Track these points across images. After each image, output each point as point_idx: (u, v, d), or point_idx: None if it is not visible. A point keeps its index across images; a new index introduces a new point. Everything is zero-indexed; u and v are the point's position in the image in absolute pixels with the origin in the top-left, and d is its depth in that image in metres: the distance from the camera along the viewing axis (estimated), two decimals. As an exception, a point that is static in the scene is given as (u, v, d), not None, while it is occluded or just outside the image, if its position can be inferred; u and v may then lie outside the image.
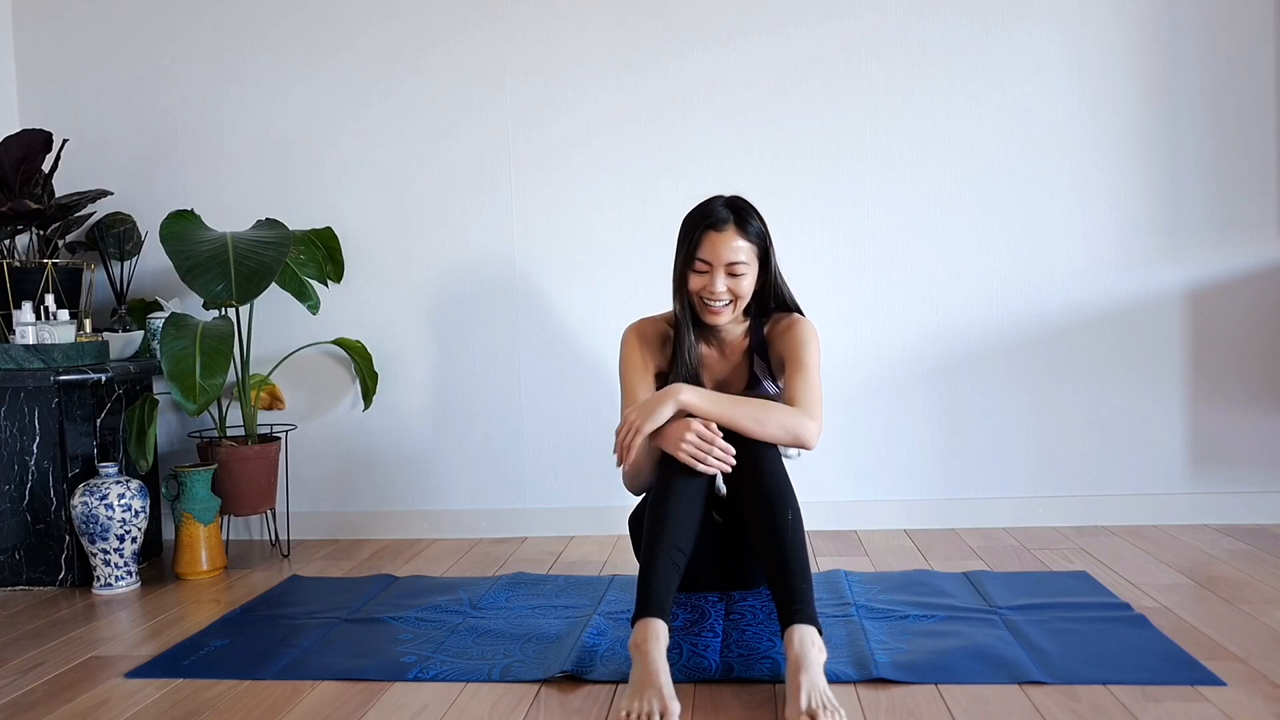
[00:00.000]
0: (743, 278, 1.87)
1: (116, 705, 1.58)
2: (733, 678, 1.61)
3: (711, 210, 1.87)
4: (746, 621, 1.86)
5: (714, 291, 1.86)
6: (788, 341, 1.92)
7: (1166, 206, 2.55)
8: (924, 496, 2.63)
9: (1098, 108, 2.55)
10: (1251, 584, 2.02)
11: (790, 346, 1.91)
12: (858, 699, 1.51)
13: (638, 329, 2.01)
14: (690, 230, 1.88)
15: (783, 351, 1.93)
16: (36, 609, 2.15)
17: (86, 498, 2.24)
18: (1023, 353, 2.59)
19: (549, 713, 1.51)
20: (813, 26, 2.59)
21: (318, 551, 2.59)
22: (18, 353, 2.29)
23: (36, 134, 2.47)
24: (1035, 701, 1.48)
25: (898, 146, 2.59)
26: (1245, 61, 2.52)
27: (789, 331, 1.94)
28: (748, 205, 1.90)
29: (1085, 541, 2.41)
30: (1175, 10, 2.53)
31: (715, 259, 1.85)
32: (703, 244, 1.85)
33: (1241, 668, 1.58)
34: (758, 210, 1.91)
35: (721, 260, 1.85)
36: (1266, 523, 2.53)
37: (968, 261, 2.59)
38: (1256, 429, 2.56)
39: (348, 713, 1.53)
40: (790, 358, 1.90)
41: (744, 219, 1.86)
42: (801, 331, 1.92)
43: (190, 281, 2.27)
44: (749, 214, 1.88)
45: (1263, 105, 2.52)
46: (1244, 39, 2.51)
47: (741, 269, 1.86)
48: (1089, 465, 2.59)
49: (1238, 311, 2.55)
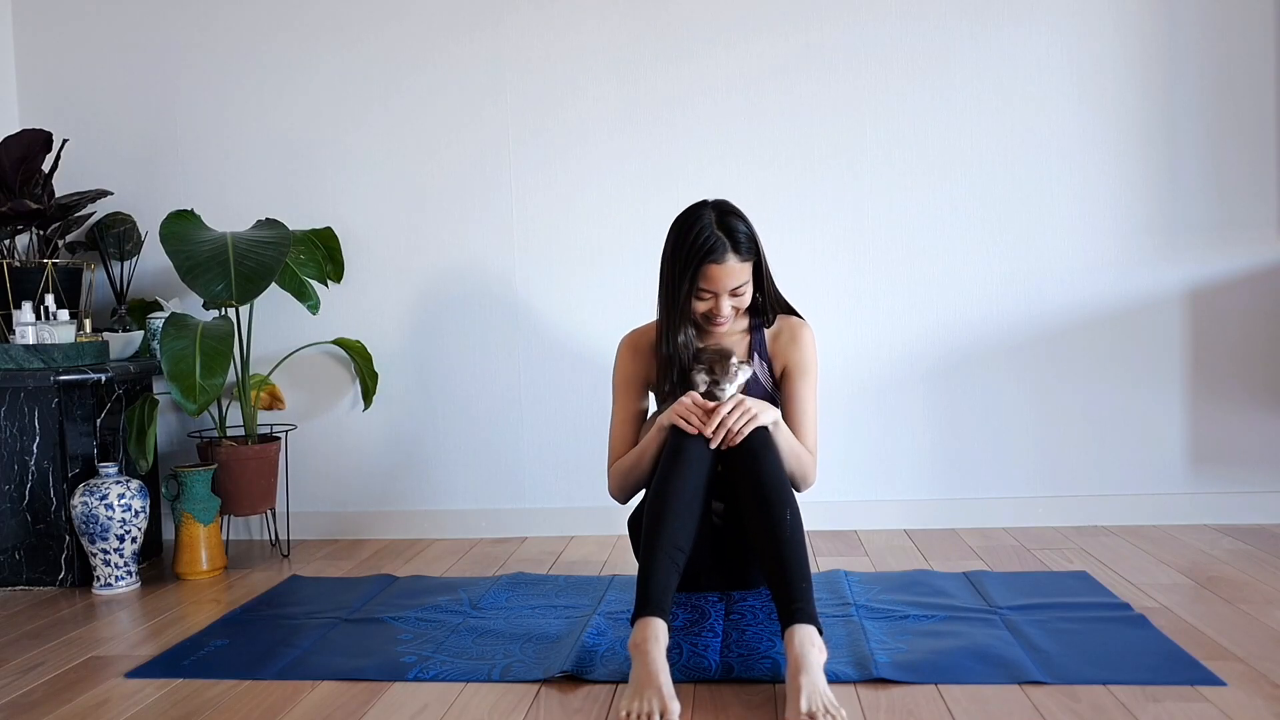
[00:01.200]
0: (744, 295, 1.89)
1: (116, 705, 1.58)
2: (733, 678, 1.61)
3: (706, 240, 1.83)
4: (746, 621, 1.86)
5: (722, 314, 1.88)
6: (794, 354, 1.96)
7: (1166, 206, 2.55)
8: (924, 496, 2.63)
9: (1097, 107, 2.55)
10: (1251, 584, 2.02)
11: (798, 361, 1.96)
12: (858, 699, 1.51)
13: (632, 341, 2.02)
14: (688, 261, 1.85)
15: (788, 362, 1.97)
16: (36, 609, 2.15)
17: (86, 498, 2.24)
18: (1022, 353, 2.59)
19: (549, 713, 1.51)
20: (812, 28, 2.59)
21: (318, 551, 2.59)
22: (18, 353, 2.29)
23: (36, 134, 2.47)
24: (1035, 701, 1.48)
25: (897, 147, 2.59)
26: (1245, 61, 2.52)
27: (795, 342, 1.97)
28: (735, 219, 1.87)
29: (1085, 541, 2.41)
30: (1174, 10, 2.53)
31: (719, 288, 1.86)
32: (704, 277, 1.85)
33: (1241, 668, 1.58)
34: (743, 214, 1.89)
35: (725, 288, 1.86)
36: (1266, 522, 2.53)
37: (967, 261, 2.59)
38: (1256, 429, 2.56)
39: (348, 713, 1.53)
40: (798, 375, 1.96)
41: (737, 240, 1.85)
42: (808, 344, 1.98)
43: (190, 281, 2.27)
44: (739, 230, 1.86)
45: (1262, 105, 2.52)
46: (1243, 38, 2.51)
47: (743, 289, 1.88)
48: (1089, 465, 2.59)
49: (1238, 311, 2.55)
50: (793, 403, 1.96)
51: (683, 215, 1.90)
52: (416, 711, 1.53)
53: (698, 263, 1.84)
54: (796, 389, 1.96)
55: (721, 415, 1.74)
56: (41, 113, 2.77)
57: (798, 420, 1.95)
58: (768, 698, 1.54)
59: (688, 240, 1.85)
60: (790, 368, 1.97)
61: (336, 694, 1.60)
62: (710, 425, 1.73)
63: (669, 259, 1.90)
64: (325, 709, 1.55)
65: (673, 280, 1.89)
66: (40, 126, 2.57)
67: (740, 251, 1.85)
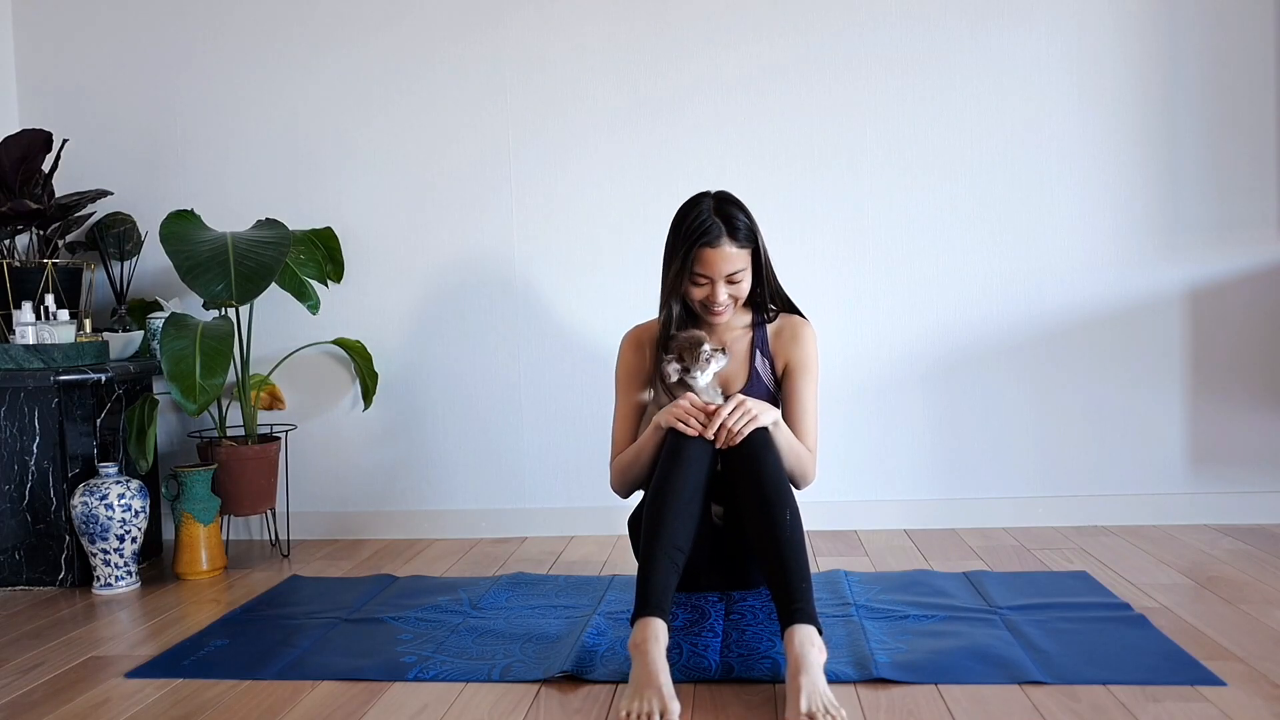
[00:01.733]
0: (741, 282, 1.90)
1: (117, 705, 1.58)
2: (733, 678, 1.61)
3: (702, 223, 1.86)
4: (746, 621, 1.86)
5: (718, 301, 1.89)
6: (796, 353, 1.97)
7: (1165, 206, 2.56)
8: (924, 496, 2.63)
9: (1096, 108, 2.55)
10: (1251, 584, 2.03)
11: (800, 359, 1.97)
12: (858, 699, 1.51)
13: (634, 336, 2.03)
14: (684, 245, 1.87)
15: (790, 360, 1.98)
16: (36, 609, 2.15)
17: (86, 498, 2.24)
18: (1022, 352, 2.60)
19: (549, 713, 1.51)
20: (813, 28, 2.59)
21: (317, 551, 2.59)
22: (18, 353, 2.29)
23: (36, 134, 2.47)
24: (1035, 701, 1.48)
25: (897, 147, 2.59)
26: (1244, 61, 2.52)
27: (797, 340, 1.98)
28: (734, 207, 1.89)
29: (1085, 541, 2.41)
30: (1174, 10, 2.53)
31: (714, 273, 1.87)
32: (699, 260, 1.86)
33: (1241, 668, 1.58)
34: (743, 204, 1.91)
35: (720, 274, 1.87)
36: (1266, 523, 2.53)
37: (967, 261, 2.59)
38: (1256, 429, 2.56)
39: (348, 713, 1.53)
40: (800, 373, 1.97)
41: (734, 227, 1.86)
42: (810, 342, 1.99)
43: (190, 281, 2.27)
44: (737, 218, 1.87)
45: (1262, 105, 2.52)
46: (1243, 39, 2.51)
47: (739, 275, 1.89)
48: (1088, 465, 2.60)
49: (1237, 311, 2.56)
50: (793, 400, 1.96)
51: (684, 203, 1.93)
52: (416, 711, 1.53)
53: (692, 245, 1.86)
54: (797, 386, 1.97)
55: (722, 417, 1.74)
56: (41, 113, 2.77)
57: (798, 418, 1.95)
58: (768, 698, 1.54)
59: (685, 224, 1.88)
60: (792, 365, 1.97)
61: (336, 694, 1.60)
62: (711, 428, 1.74)
63: (668, 245, 1.93)
64: (325, 709, 1.55)
65: (668, 264, 1.91)
66: (40, 126, 2.57)
67: (736, 238, 1.86)
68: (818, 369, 1.99)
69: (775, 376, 1.99)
